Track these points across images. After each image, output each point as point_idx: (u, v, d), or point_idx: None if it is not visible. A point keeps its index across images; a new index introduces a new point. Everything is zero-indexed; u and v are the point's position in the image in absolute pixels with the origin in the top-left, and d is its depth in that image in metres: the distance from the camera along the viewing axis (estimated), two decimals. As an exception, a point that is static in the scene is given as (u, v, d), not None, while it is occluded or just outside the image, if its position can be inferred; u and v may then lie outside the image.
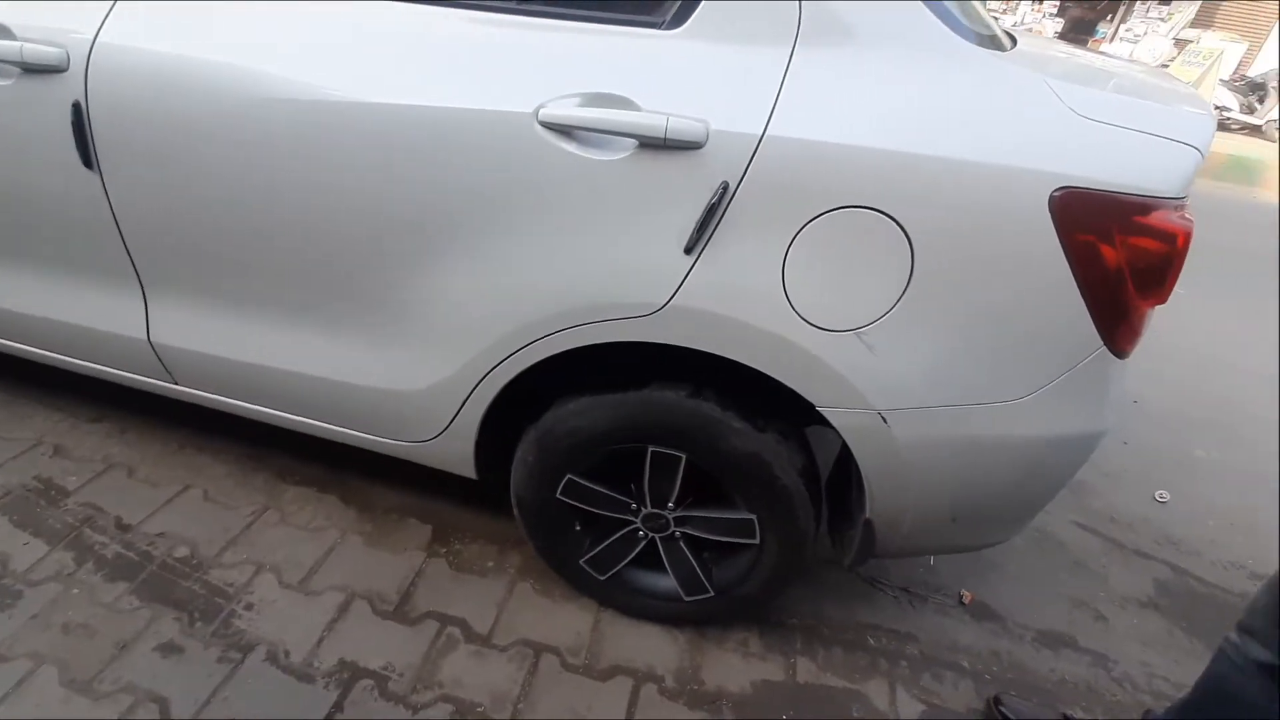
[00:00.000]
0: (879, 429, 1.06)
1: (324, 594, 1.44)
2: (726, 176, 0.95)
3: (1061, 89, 0.95)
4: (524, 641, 1.41)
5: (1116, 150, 0.92)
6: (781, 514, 1.22)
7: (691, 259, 1.00)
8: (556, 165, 0.99)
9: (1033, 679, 1.50)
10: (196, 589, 1.43)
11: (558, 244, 1.04)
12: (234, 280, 1.27)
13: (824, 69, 0.94)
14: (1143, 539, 1.96)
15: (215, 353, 1.36)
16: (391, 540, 1.59)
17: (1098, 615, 1.68)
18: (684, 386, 1.16)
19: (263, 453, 1.78)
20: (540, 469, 1.29)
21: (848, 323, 1.00)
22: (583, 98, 0.97)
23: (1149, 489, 2.17)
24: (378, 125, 1.04)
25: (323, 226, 1.14)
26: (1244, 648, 1.06)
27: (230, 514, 1.61)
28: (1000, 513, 1.21)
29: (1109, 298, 0.96)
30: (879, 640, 1.53)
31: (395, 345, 1.22)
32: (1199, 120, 1.00)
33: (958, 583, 1.69)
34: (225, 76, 1.09)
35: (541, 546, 1.44)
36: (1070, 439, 1.08)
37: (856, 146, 0.92)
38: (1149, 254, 0.93)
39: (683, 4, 0.97)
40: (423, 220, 1.09)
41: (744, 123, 0.94)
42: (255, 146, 1.11)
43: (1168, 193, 0.92)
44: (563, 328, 1.09)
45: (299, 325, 1.28)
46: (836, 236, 0.96)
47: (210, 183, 1.16)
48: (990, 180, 0.91)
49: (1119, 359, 1.02)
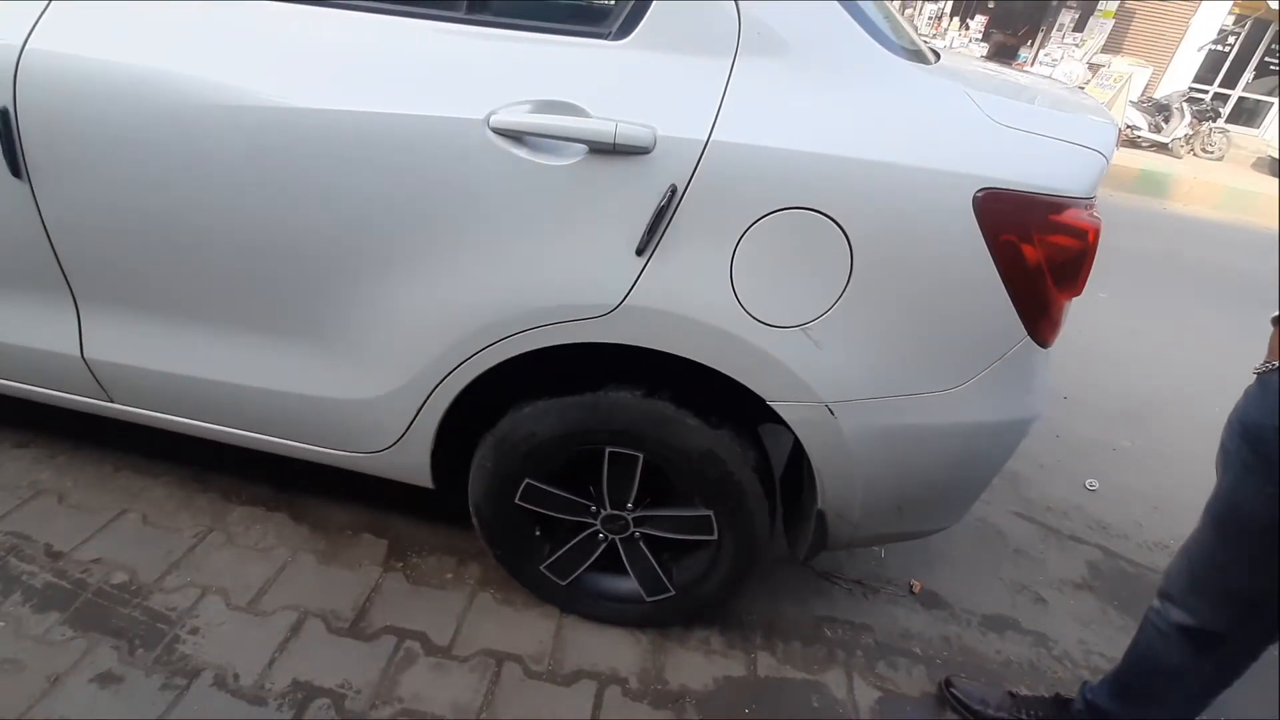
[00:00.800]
0: (827, 421, 1.10)
1: (275, 614, 1.40)
2: (674, 180, 0.99)
3: (980, 99, 1.03)
4: (486, 651, 1.39)
5: (1031, 155, 1.00)
6: (737, 509, 1.25)
7: (643, 260, 1.03)
8: (508, 170, 1.01)
9: (980, 661, 1.57)
10: (136, 615, 1.36)
11: (510, 248, 1.06)
12: (173, 292, 1.24)
13: (763, 78, 0.99)
14: (1076, 525, 2.07)
15: (155, 367, 1.31)
16: (345, 556, 1.56)
17: (1037, 598, 1.77)
18: (639, 386, 1.18)
19: (206, 474, 1.72)
20: (498, 475, 1.29)
21: (794, 319, 1.04)
22: (533, 104, 1.00)
23: (1080, 478, 2.30)
24: (323, 132, 1.04)
25: (266, 235, 1.13)
26: (1165, 612, 1.15)
27: (172, 537, 1.54)
28: (942, 498, 1.27)
29: (1031, 291, 1.03)
30: (835, 632, 1.57)
31: (346, 353, 1.21)
32: (1103, 128, 1.09)
33: (907, 573, 1.76)
34: (162, 84, 1.07)
35: (501, 554, 1.44)
36: (1003, 425, 1.15)
37: (796, 151, 0.97)
38: (1064, 250, 1.01)
39: (629, 16, 1.00)
40: (372, 226, 1.09)
41: (689, 129, 0.98)
42: (194, 156, 1.09)
43: (1079, 193, 1.00)
44: (518, 331, 1.10)
45: (244, 336, 1.25)
46: (781, 236, 1.00)
47: (146, 193, 1.13)
48: (919, 182, 0.97)
49: (1042, 349, 1.10)
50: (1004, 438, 1.18)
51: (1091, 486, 2.27)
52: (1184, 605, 1.11)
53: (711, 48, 1.00)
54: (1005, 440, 1.19)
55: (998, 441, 1.18)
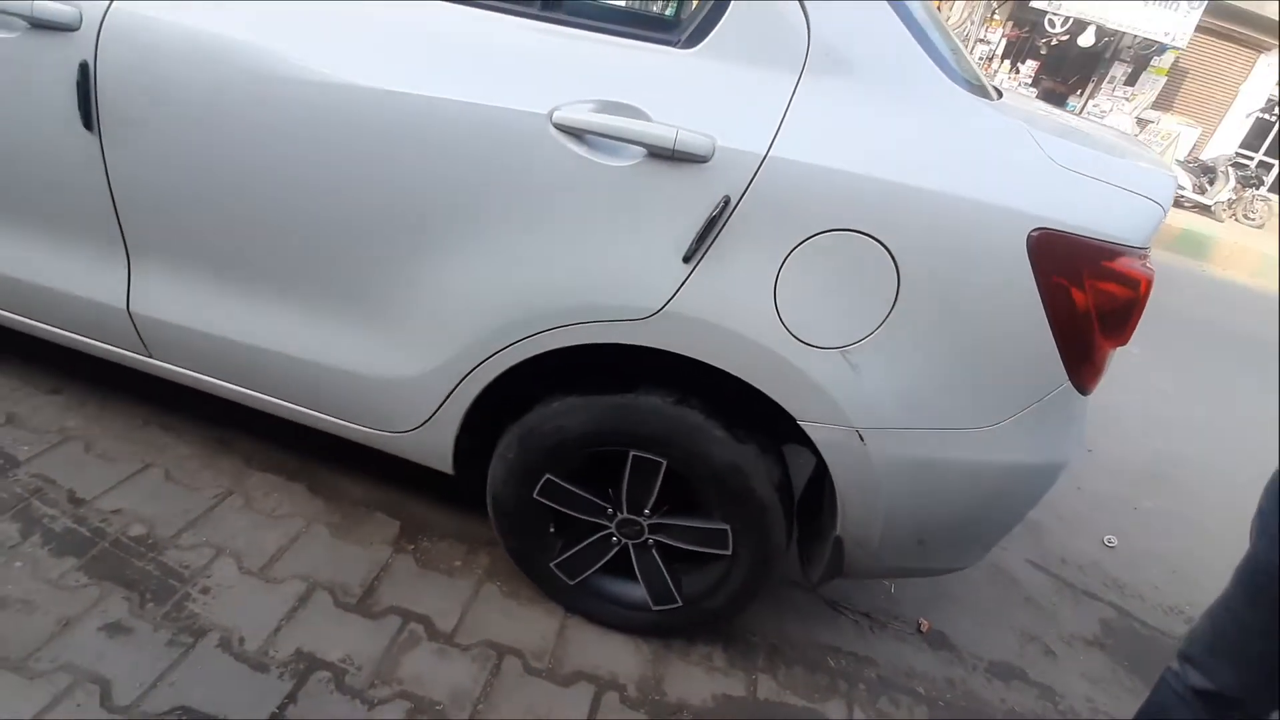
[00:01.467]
0: (856, 446, 1.10)
1: (285, 582, 1.41)
2: (729, 191, 0.99)
3: (1042, 139, 1.02)
4: (488, 642, 1.39)
5: (1090, 199, 1.00)
6: (756, 527, 1.24)
7: (689, 268, 1.03)
8: (566, 166, 1.02)
9: (984, 708, 1.53)
10: (150, 569, 1.38)
11: (559, 242, 1.07)
12: (224, 256, 1.26)
13: (827, 98, 1.00)
14: (1091, 580, 2.03)
15: (197, 327, 1.34)
16: (358, 533, 1.57)
17: (1047, 650, 1.74)
18: (671, 393, 1.18)
19: (230, 436, 1.74)
20: (520, 467, 1.30)
21: (834, 340, 1.04)
22: (596, 104, 1.01)
23: (1099, 533, 2.25)
24: (392, 114, 1.06)
25: (323, 208, 1.15)
26: (1184, 675, 1.12)
27: (192, 495, 1.56)
28: (965, 537, 1.25)
29: (1077, 336, 1.02)
30: (839, 662, 1.55)
31: (387, 331, 1.23)
32: (1162, 179, 1.08)
33: (917, 611, 1.73)
34: (240, 54, 1.10)
35: (513, 547, 1.44)
36: (1034, 468, 1.13)
37: (853, 173, 0.97)
38: (1115, 298, 1.00)
39: (700, 25, 1.02)
40: (428, 208, 1.10)
41: (749, 141, 0.98)
42: (264, 126, 1.11)
43: (1134, 242, 0.99)
44: (558, 325, 1.11)
45: (287, 305, 1.27)
46: (829, 257, 1.00)
47: (210, 157, 1.16)
48: (974, 215, 0.97)
49: (1082, 395, 1.08)
50: (1035, 481, 1.16)
51: (1110, 543, 2.23)
52: (1204, 668, 1.08)
53: (779, 62, 1.00)
54: (1035, 483, 1.17)
55: (1028, 484, 1.17)
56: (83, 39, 1.15)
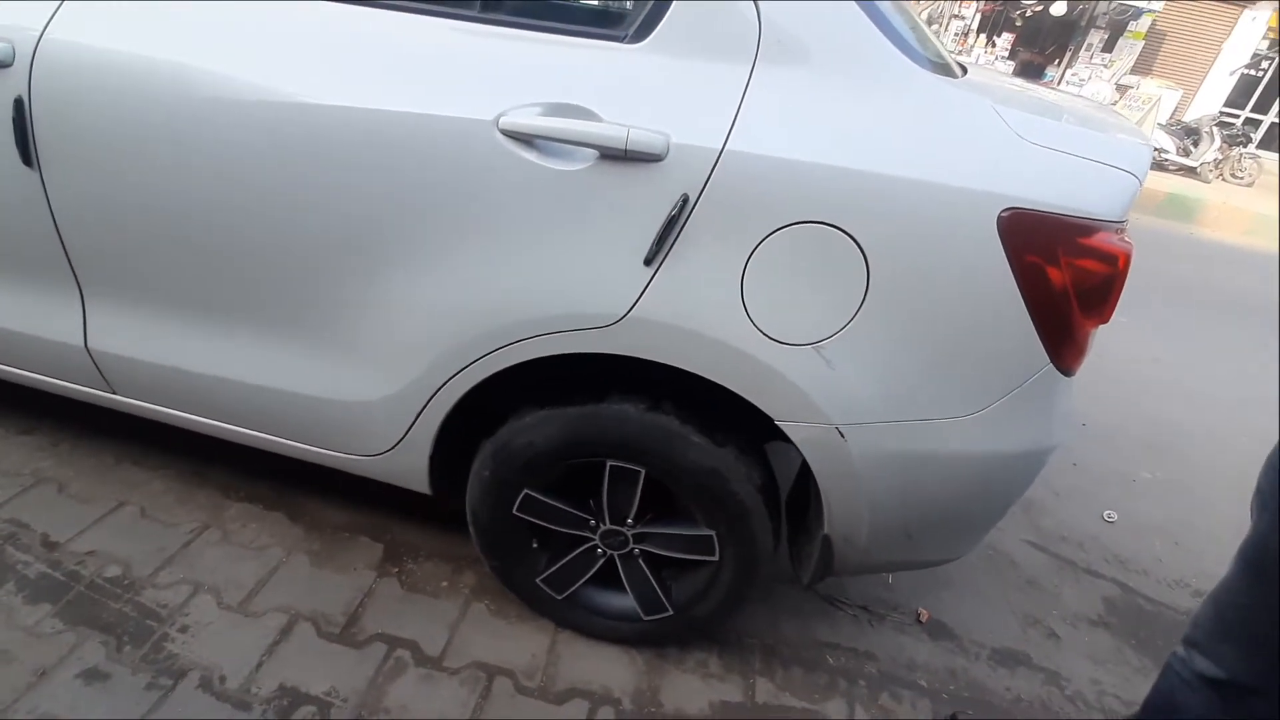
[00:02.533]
0: (836, 443, 1.06)
1: (265, 615, 1.38)
2: (686, 189, 0.96)
3: (1008, 115, 0.99)
4: (477, 664, 1.36)
5: (1061, 174, 0.96)
6: (740, 530, 1.21)
7: (651, 270, 1.00)
8: (516, 174, 0.99)
9: (988, 697, 1.51)
10: (127, 611, 1.35)
11: (516, 253, 1.03)
12: (179, 286, 1.23)
13: (783, 87, 0.96)
14: (1092, 558, 2.01)
15: (157, 360, 1.30)
16: (340, 559, 1.53)
17: (1050, 633, 1.71)
18: (643, 399, 1.15)
19: (206, 468, 1.70)
20: (497, 484, 1.26)
21: (806, 336, 1.00)
22: (544, 107, 0.97)
23: (1098, 508, 2.23)
24: (332, 129, 1.02)
25: (273, 231, 1.11)
26: (1190, 661, 1.09)
27: (168, 532, 1.53)
28: (955, 528, 1.22)
29: (1055, 317, 0.98)
30: (837, 659, 1.52)
31: (348, 355, 1.19)
32: (1137, 149, 1.05)
33: (915, 601, 1.70)
34: (177, 77, 1.06)
35: (497, 565, 1.41)
36: (1021, 454, 1.10)
37: (814, 163, 0.94)
38: (1092, 274, 0.97)
39: (646, 18, 0.98)
40: (378, 226, 1.07)
41: (704, 137, 0.95)
42: (206, 149, 1.08)
43: (1109, 216, 0.95)
44: (522, 338, 1.08)
45: (246, 333, 1.23)
46: (794, 251, 0.97)
47: (155, 186, 1.12)
48: (941, 199, 0.93)
49: (1066, 376, 1.05)
50: (1022, 468, 1.13)
51: (1110, 518, 2.20)
52: (1211, 654, 1.05)
53: (730, 53, 0.97)
54: (1023, 470, 1.14)
55: (1015, 471, 1.13)
56: (16, 74, 1.11)
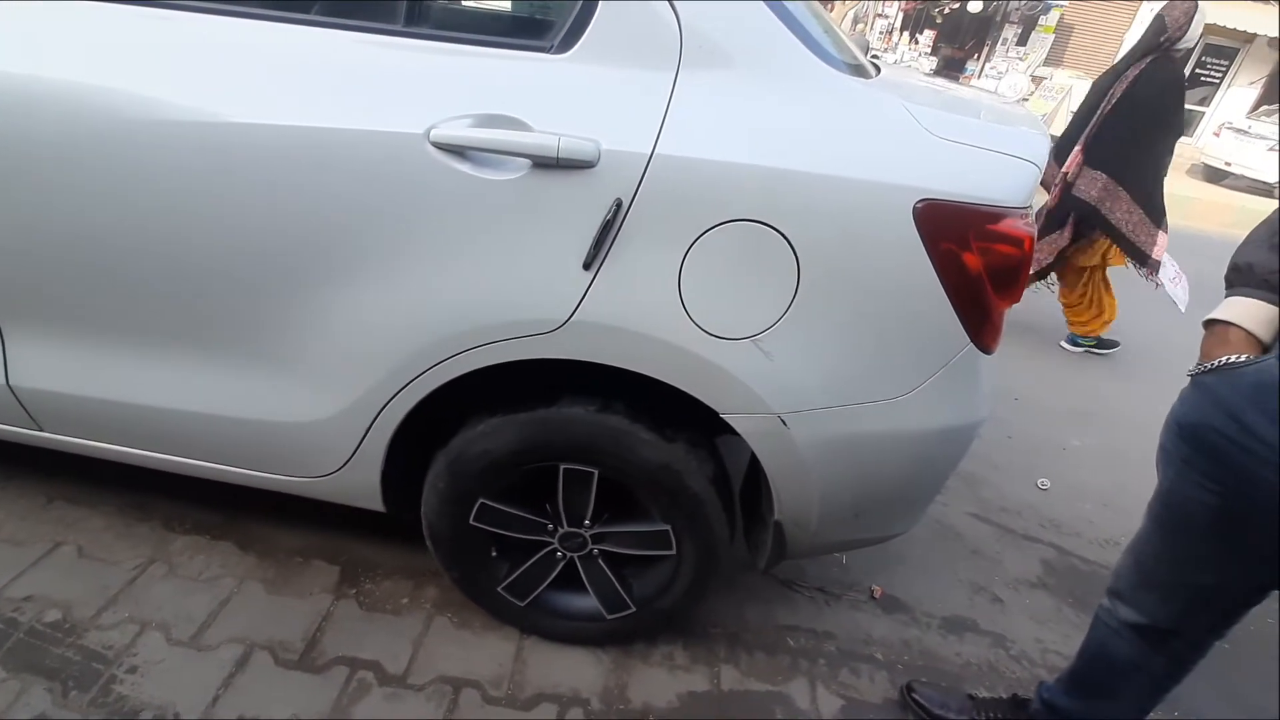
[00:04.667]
0: (780, 432, 1.11)
1: (219, 648, 1.34)
2: (620, 193, 0.99)
3: (918, 112, 1.05)
4: (442, 678, 1.36)
5: (968, 166, 1.02)
6: (695, 522, 1.25)
7: (591, 274, 1.02)
8: (451, 185, 1.00)
9: (940, 664, 1.58)
10: (70, 655, 1.29)
11: (454, 264, 1.04)
12: (105, 315, 1.19)
13: (707, 92, 1.00)
14: (1029, 524, 2.12)
15: (87, 394, 1.26)
16: (295, 584, 1.50)
17: (995, 598, 1.80)
18: (593, 401, 1.17)
19: (147, 501, 1.64)
20: (452, 495, 1.26)
21: (744, 330, 1.04)
22: (474, 119, 0.99)
23: (1032, 477, 2.36)
24: (259, 148, 1.01)
25: (202, 254, 1.09)
26: (1115, 611, 1.17)
27: (110, 570, 1.47)
28: (897, 504, 1.28)
29: (972, 299, 1.05)
30: (798, 640, 1.57)
31: (288, 376, 1.17)
32: (1036, 139, 1.13)
33: (868, 578, 1.77)
34: (85, 97, 1.03)
35: (458, 576, 1.40)
36: (951, 430, 1.17)
37: (740, 164, 0.98)
38: (1003, 257, 1.03)
39: (570, 29, 1.00)
40: (312, 244, 1.06)
41: (633, 142, 0.98)
42: (124, 173, 1.05)
43: (1014, 203, 1.02)
44: (467, 348, 1.08)
45: (180, 359, 1.20)
46: (728, 249, 1.01)
47: (74, 212, 1.09)
48: (860, 194, 0.99)
49: (986, 354, 1.12)
50: (953, 442, 1.20)
51: (1043, 486, 2.33)
52: (1132, 602, 1.14)
53: (654, 60, 1.00)
54: (954, 445, 1.20)
55: (947, 446, 1.20)
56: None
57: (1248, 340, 0.91)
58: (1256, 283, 0.92)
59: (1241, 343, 0.92)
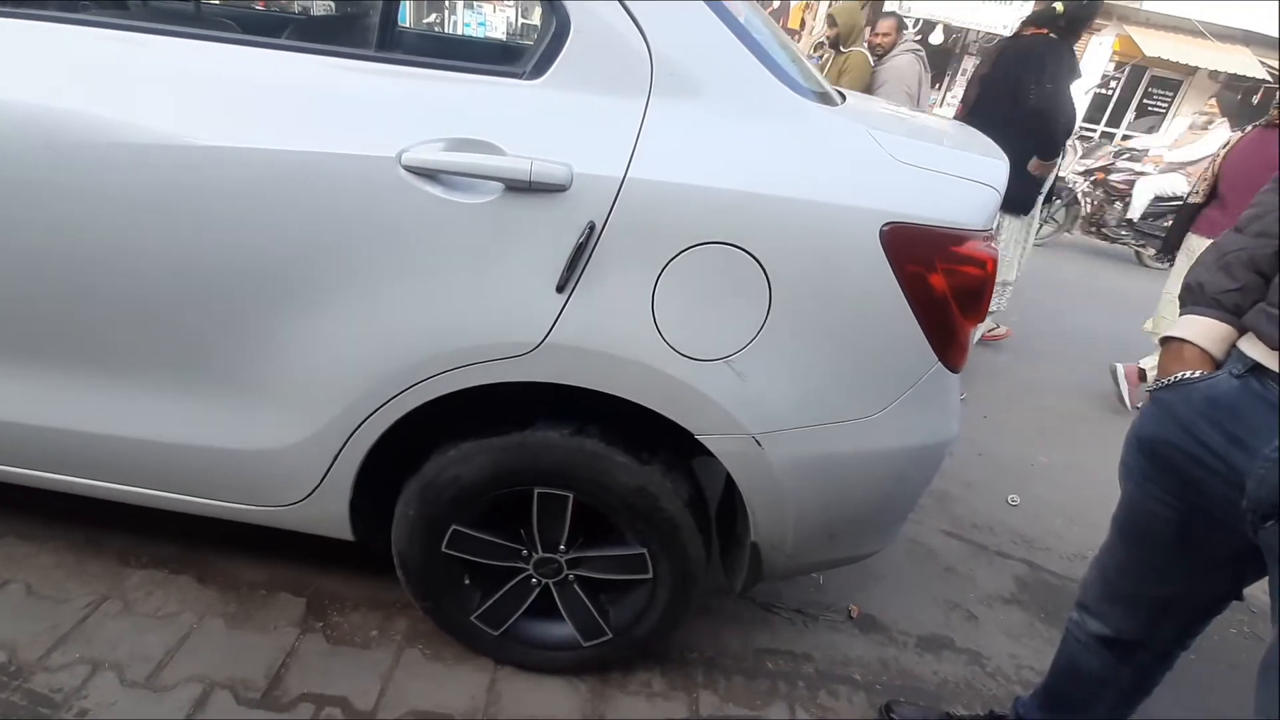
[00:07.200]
0: (754, 453, 1.11)
1: (176, 688, 1.28)
2: (592, 217, 0.99)
3: (882, 138, 1.08)
4: (414, 713, 1.31)
5: (932, 190, 1.05)
6: (671, 545, 1.24)
7: (564, 297, 1.02)
8: (423, 209, 0.99)
9: (918, 683, 1.58)
10: (16, 700, 1.22)
11: (427, 288, 1.03)
12: (55, 340, 1.15)
13: (678, 118, 1.01)
14: (1001, 540, 2.15)
15: (37, 423, 1.21)
16: (258, 619, 1.45)
17: (969, 615, 1.82)
18: (568, 424, 1.16)
19: (101, 535, 1.58)
20: (423, 522, 1.24)
21: (717, 352, 1.05)
22: (447, 143, 0.99)
23: (1003, 494, 2.39)
24: (228, 171, 1.00)
25: (163, 278, 1.06)
26: (1083, 623, 1.19)
27: (60, 608, 1.40)
28: (871, 523, 1.29)
29: (939, 319, 1.07)
30: (776, 663, 1.56)
31: (254, 400, 1.14)
32: (996, 165, 1.17)
33: (845, 598, 1.77)
34: (41, 120, 1.00)
35: (430, 606, 1.37)
36: (921, 448, 1.18)
37: (710, 188, 0.99)
38: (967, 278, 1.06)
39: (543, 56, 1.01)
40: (280, 268, 1.04)
41: (606, 166, 0.99)
42: (79, 194, 1.02)
43: (977, 225, 1.05)
44: (439, 371, 1.07)
45: (137, 386, 1.16)
46: (700, 271, 1.01)
47: (22, 233, 1.06)
48: (829, 216, 1.01)
49: (953, 373, 1.14)
50: (924, 460, 1.21)
51: (1014, 502, 2.36)
52: (1099, 615, 1.15)
53: (626, 87, 1.01)
54: (926, 463, 1.22)
55: (919, 464, 1.21)
56: None
57: (1201, 357, 0.95)
58: (1208, 301, 0.96)
59: (1195, 359, 0.95)
